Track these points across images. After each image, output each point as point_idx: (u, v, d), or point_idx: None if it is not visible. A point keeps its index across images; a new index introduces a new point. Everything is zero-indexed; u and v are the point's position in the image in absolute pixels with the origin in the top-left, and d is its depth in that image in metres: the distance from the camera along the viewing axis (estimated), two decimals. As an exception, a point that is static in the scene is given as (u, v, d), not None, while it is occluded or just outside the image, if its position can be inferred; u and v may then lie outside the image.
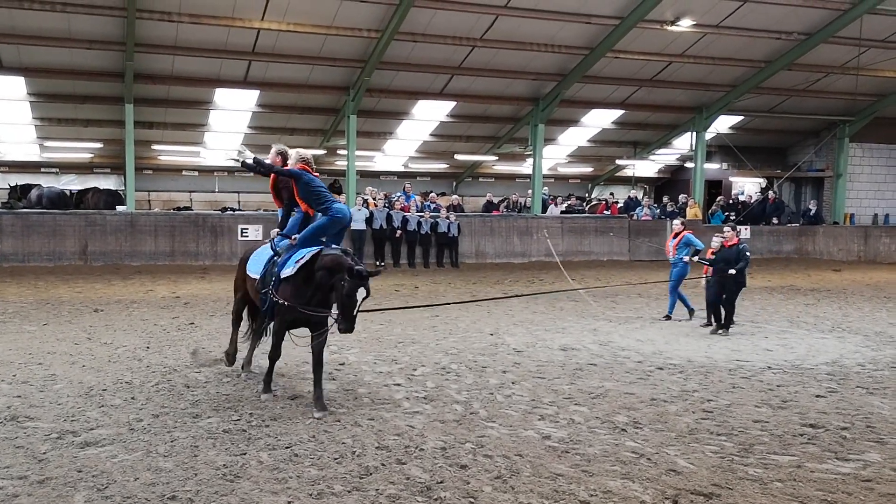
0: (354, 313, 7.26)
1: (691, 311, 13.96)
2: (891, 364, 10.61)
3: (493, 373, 9.71)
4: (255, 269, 8.36)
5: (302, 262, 7.62)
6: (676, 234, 14.19)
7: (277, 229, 8.53)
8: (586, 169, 32.09)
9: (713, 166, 28.65)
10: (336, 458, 6.43)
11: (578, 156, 30.58)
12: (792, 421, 7.86)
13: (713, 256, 12.81)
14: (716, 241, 13.02)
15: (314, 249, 7.72)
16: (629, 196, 28.74)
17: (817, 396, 8.87)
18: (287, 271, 7.73)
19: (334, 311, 7.45)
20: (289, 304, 7.69)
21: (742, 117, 27.88)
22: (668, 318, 13.98)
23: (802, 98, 26.21)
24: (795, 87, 25.25)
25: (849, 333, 12.95)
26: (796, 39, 22.15)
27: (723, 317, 12.64)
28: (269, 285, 7.95)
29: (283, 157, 8.50)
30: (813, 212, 28.09)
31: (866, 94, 25.75)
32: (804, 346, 11.83)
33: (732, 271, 12.48)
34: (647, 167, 31.94)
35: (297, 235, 8.07)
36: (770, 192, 28.41)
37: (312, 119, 25.83)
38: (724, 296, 12.54)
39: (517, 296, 15.72)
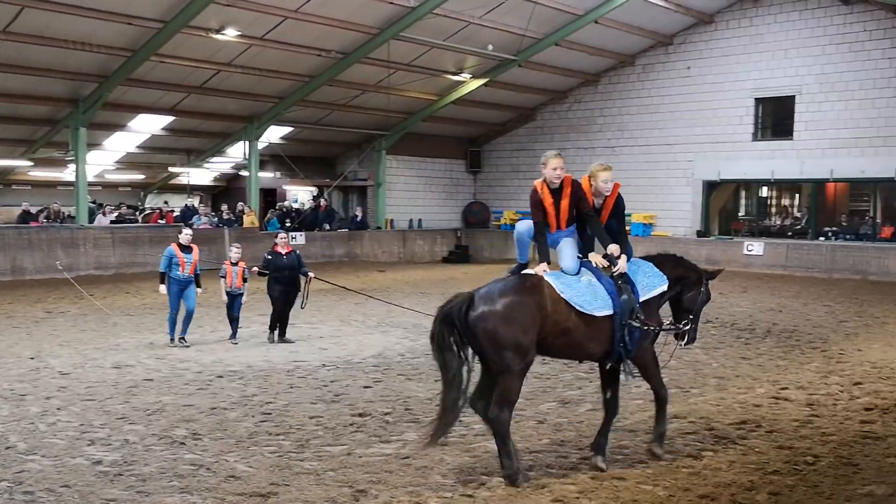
0: None
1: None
2: (425, 352, 11.91)
3: (34, 400, 8.80)
4: (597, 304, 6.48)
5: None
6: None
7: (625, 256, 6.74)
8: (138, 176, 30.61)
9: (267, 175, 29.37)
10: None
11: (128, 162, 29.01)
12: (343, 413, 8.44)
13: (265, 268, 12.63)
14: (235, 253, 12.70)
15: (649, 263, 6.98)
16: (185, 205, 28.11)
17: (365, 387, 9.65)
18: (658, 289, 6.82)
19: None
20: (660, 327, 6.89)
21: (292, 128, 29.02)
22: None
23: (344, 112, 28.17)
24: (337, 101, 27.05)
25: (392, 327, 14.27)
26: (335, 57, 23.73)
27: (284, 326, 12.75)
28: (635, 315, 6.57)
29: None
30: (359, 218, 30.36)
31: (397, 111, 28.62)
32: (354, 342, 12.76)
33: (312, 274, 12.92)
34: (202, 175, 31.58)
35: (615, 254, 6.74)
36: (321, 199, 30.06)
37: None
38: (287, 305, 12.66)
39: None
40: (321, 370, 10.61)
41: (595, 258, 6.78)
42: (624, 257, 6.74)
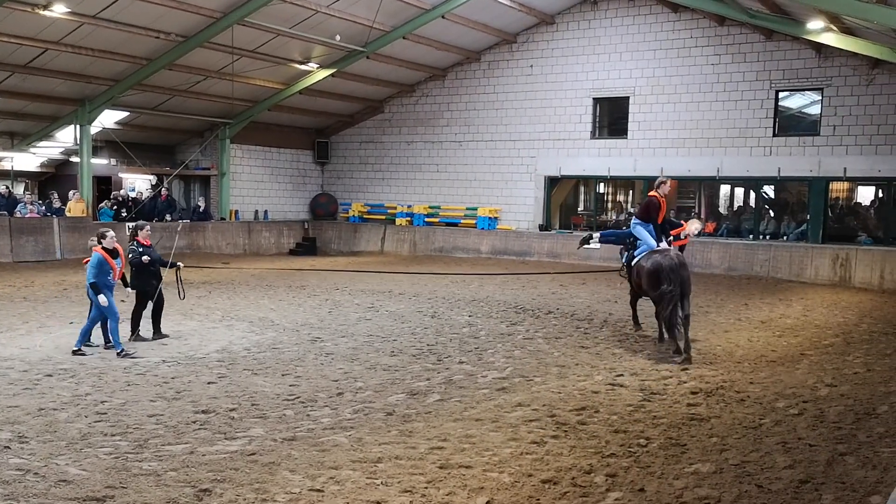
0: None
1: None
2: (272, 346, 11.72)
3: None
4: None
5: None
6: (115, 253, 11.02)
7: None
8: (-49, 161, 28.13)
9: (101, 161, 27.72)
10: None
11: (-60, 146, 26.62)
12: (185, 410, 8.14)
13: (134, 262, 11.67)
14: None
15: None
16: (8, 192, 26.08)
17: (209, 383, 9.34)
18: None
19: None
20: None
21: (128, 113, 27.54)
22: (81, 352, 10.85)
23: (186, 98, 27.04)
24: (178, 87, 25.92)
25: (237, 321, 13.86)
26: (174, 41, 22.71)
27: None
28: None
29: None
30: (202, 208, 29.27)
31: (242, 99, 27.75)
32: (197, 336, 12.30)
33: (181, 264, 12.51)
34: (28, 160, 29.37)
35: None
36: (161, 188, 28.75)
37: None
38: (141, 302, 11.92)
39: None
40: (161, 366, 10.17)
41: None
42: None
